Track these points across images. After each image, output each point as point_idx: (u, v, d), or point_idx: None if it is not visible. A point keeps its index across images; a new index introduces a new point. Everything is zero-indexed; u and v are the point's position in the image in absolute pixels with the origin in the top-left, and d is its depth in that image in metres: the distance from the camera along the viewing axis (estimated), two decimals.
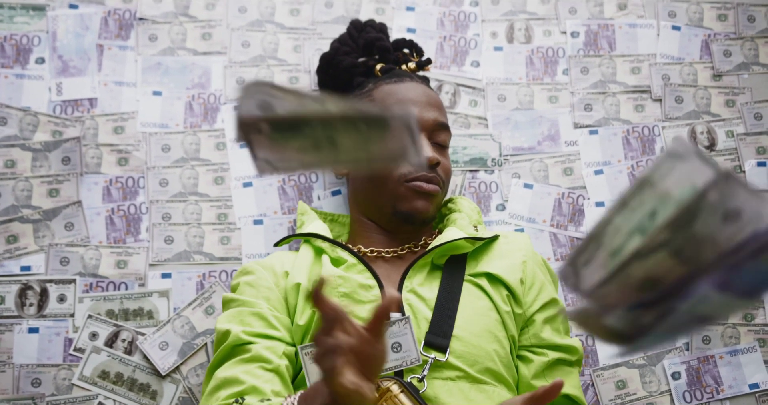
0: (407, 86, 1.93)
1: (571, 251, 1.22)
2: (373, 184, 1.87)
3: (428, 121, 1.89)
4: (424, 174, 1.84)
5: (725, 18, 2.33)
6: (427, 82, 2.02)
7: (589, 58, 2.28)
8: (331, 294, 1.71)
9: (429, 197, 1.85)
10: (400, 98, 1.90)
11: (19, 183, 2.05)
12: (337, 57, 2.06)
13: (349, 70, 2.04)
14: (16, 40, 2.17)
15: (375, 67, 2.03)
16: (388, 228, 1.89)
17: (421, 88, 1.95)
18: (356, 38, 2.09)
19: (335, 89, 2.07)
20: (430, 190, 1.84)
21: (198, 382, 1.96)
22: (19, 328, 1.97)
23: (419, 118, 1.86)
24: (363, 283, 1.73)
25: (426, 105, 1.90)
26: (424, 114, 1.88)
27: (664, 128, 2.22)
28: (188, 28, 2.23)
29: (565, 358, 1.77)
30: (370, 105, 1.63)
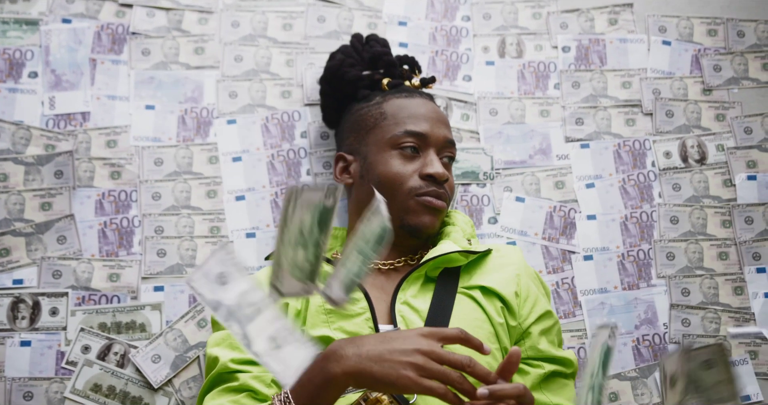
0: (417, 102, 1.96)
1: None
2: (382, 195, 1.85)
3: (439, 138, 1.91)
4: (435, 189, 1.86)
5: (715, 33, 2.34)
6: (432, 99, 2.04)
7: (580, 73, 2.29)
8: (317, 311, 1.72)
9: (436, 213, 1.88)
10: (412, 113, 1.92)
11: (12, 196, 2.06)
12: (343, 68, 2.07)
13: (354, 82, 2.05)
14: (9, 54, 2.17)
15: (381, 80, 2.05)
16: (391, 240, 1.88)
17: (430, 104, 1.98)
18: (360, 51, 2.10)
19: (338, 99, 2.09)
20: (439, 205, 1.87)
21: (190, 394, 1.96)
22: (11, 342, 1.97)
23: (431, 135, 1.90)
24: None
25: (437, 122, 1.93)
26: (435, 131, 1.91)
27: (655, 142, 2.23)
28: (181, 43, 2.24)
29: (561, 371, 1.78)
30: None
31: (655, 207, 2.18)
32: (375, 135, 1.93)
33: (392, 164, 1.88)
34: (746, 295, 2.12)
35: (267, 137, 2.18)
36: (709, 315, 2.09)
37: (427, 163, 1.88)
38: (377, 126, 1.94)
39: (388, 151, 1.90)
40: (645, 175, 2.21)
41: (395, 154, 1.89)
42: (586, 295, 2.11)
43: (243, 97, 2.21)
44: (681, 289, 2.11)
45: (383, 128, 1.92)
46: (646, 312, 2.10)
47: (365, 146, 1.94)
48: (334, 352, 1.45)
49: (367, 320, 1.70)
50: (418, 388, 1.38)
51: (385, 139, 1.91)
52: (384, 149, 1.91)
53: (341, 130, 2.05)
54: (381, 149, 1.91)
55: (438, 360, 1.40)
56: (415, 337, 1.43)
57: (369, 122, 1.95)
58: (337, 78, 2.07)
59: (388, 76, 2.06)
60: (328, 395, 1.45)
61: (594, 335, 1.39)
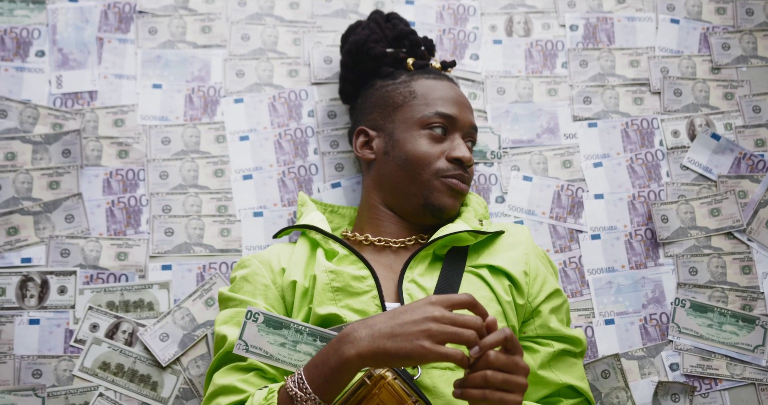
0: (445, 84, 1.97)
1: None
2: (407, 173, 1.89)
3: (466, 123, 1.94)
4: (460, 173, 1.89)
5: (724, 11, 2.33)
6: (456, 83, 2.05)
7: (588, 51, 2.28)
8: (324, 289, 1.72)
9: (459, 195, 1.90)
10: (442, 95, 1.93)
11: (20, 175, 2.06)
12: (368, 44, 2.04)
13: (378, 58, 2.04)
14: (16, 33, 2.17)
15: (406, 59, 2.05)
16: (409, 218, 1.91)
17: (456, 88, 2.00)
18: (384, 28, 2.09)
19: (359, 74, 2.08)
20: (463, 188, 1.89)
21: (198, 373, 1.97)
22: (19, 320, 1.98)
23: (460, 118, 1.92)
24: (355, 275, 1.74)
25: (464, 106, 1.96)
26: (463, 115, 1.94)
27: (663, 121, 2.22)
28: (188, 21, 2.23)
29: (570, 349, 1.79)
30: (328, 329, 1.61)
31: (663, 186, 2.17)
32: (403, 113, 1.93)
33: (420, 143, 1.89)
34: (754, 274, 2.11)
35: (274, 116, 2.18)
36: (716, 294, 2.09)
37: (454, 147, 1.90)
38: (406, 104, 1.93)
39: (417, 130, 1.90)
40: (653, 154, 2.20)
41: (424, 133, 1.90)
42: (594, 274, 2.11)
43: (250, 76, 2.21)
44: (688, 268, 2.11)
45: (413, 107, 1.92)
46: (653, 291, 2.10)
47: (391, 123, 1.94)
48: (348, 334, 1.46)
49: (374, 298, 1.70)
50: (434, 356, 1.39)
51: (415, 118, 1.91)
52: (413, 128, 1.91)
53: (362, 104, 2.03)
54: (410, 128, 1.91)
55: (450, 323, 1.41)
56: (424, 307, 1.44)
57: (397, 100, 1.95)
58: (363, 52, 2.04)
59: (411, 56, 2.06)
60: (342, 378, 1.46)
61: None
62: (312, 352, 1.53)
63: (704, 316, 2.08)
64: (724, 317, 2.08)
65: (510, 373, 1.43)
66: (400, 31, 2.07)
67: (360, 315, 1.68)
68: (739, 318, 2.08)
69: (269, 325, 1.54)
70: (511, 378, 1.43)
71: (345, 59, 2.10)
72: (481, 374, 1.41)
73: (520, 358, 1.46)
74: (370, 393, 1.50)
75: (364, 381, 1.51)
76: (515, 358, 1.45)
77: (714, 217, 2.14)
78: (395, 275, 1.78)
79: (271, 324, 1.54)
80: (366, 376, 1.52)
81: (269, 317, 1.54)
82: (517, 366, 1.44)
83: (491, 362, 1.42)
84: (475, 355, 1.41)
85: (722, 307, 2.08)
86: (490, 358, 1.42)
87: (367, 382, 1.51)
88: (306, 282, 1.76)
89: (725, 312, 2.08)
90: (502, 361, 1.42)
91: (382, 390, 1.50)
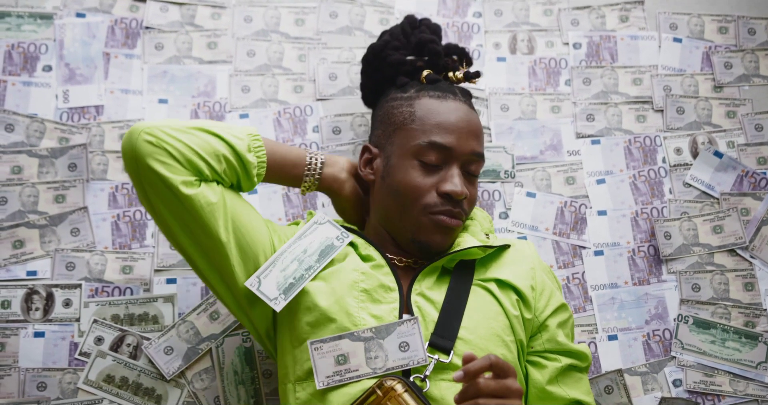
0: (450, 106, 1.85)
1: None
2: (398, 205, 1.81)
3: (465, 151, 1.82)
4: (450, 208, 1.79)
5: (726, 30, 2.35)
6: (470, 98, 1.96)
7: (591, 69, 2.30)
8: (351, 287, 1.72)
9: (449, 231, 1.81)
10: (441, 121, 1.82)
11: (26, 189, 2.07)
12: (386, 50, 1.98)
13: (395, 66, 1.96)
14: (23, 48, 2.19)
15: (422, 71, 1.95)
16: (403, 248, 1.85)
17: (463, 109, 1.87)
18: (408, 35, 2.01)
19: (377, 81, 2.01)
20: (453, 224, 1.80)
21: (203, 386, 1.97)
22: (24, 333, 1.98)
23: (457, 147, 1.81)
24: (385, 284, 1.73)
25: (466, 133, 1.83)
26: (462, 143, 1.82)
27: (666, 138, 2.24)
28: (194, 37, 2.25)
29: (577, 365, 1.79)
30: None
31: (666, 203, 2.18)
32: (401, 136, 1.85)
33: (412, 175, 1.80)
34: (757, 291, 2.12)
35: (279, 131, 2.19)
36: (719, 311, 2.10)
37: (446, 179, 1.80)
38: (404, 126, 1.85)
39: (409, 159, 1.81)
40: (656, 171, 2.21)
41: (416, 164, 1.81)
42: (597, 290, 2.11)
43: (255, 92, 2.22)
44: (691, 284, 2.11)
45: (410, 132, 1.83)
46: (656, 307, 2.10)
47: (390, 145, 1.86)
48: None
49: (394, 309, 1.70)
50: None
51: (409, 145, 1.82)
52: (406, 155, 1.82)
53: (374, 116, 1.99)
54: (404, 154, 1.83)
55: None
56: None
57: (398, 119, 1.86)
58: (379, 59, 1.99)
59: (431, 66, 1.97)
60: (287, 174, 1.84)
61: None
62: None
63: (707, 332, 2.08)
64: (727, 334, 2.08)
65: (503, 398, 1.44)
66: (420, 38, 1.97)
67: (378, 321, 1.68)
68: (741, 335, 2.08)
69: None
70: (504, 402, 1.44)
71: (363, 65, 2.04)
72: (473, 403, 1.43)
73: (512, 381, 1.47)
74: (379, 403, 1.50)
75: (375, 390, 1.52)
76: (506, 382, 1.46)
77: (717, 234, 2.15)
78: (404, 287, 1.77)
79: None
80: (376, 386, 1.52)
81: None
82: (509, 390, 1.45)
83: (481, 390, 1.43)
84: (457, 379, 1.43)
85: (725, 324, 2.09)
86: (480, 385, 1.43)
87: (377, 392, 1.51)
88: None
89: (728, 328, 2.08)
90: (493, 388, 1.44)
91: (392, 401, 1.50)
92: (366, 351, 1.64)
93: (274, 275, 1.73)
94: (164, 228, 1.76)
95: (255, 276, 1.72)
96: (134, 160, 1.68)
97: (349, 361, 1.64)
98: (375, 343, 1.64)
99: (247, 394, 1.98)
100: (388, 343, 1.64)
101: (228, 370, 1.99)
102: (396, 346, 1.64)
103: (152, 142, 1.67)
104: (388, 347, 1.64)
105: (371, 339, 1.64)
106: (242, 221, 1.75)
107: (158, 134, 1.68)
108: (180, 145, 1.68)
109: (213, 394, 1.97)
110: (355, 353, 1.64)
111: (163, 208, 1.71)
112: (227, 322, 2.01)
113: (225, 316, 2.01)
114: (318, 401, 1.64)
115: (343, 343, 1.65)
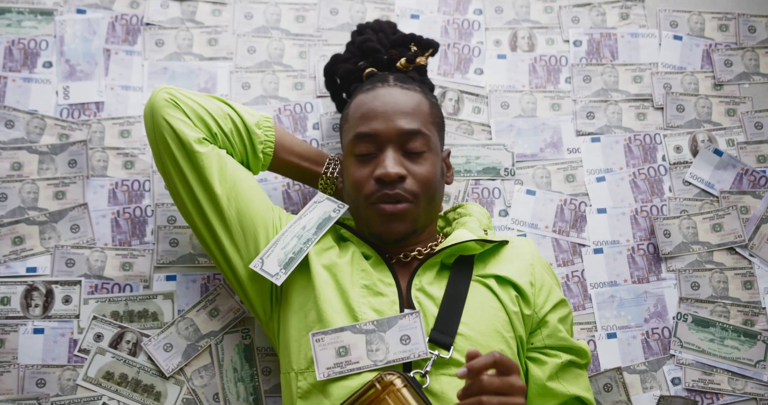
0: (376, 94, 1.84)
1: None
2: (353, 205, 1.85)
3: (391, 133, 1.80)
4: (386, 193, 1.76)
5: (726, 28, 2.35)
6: (414, 80, 1.94)
7: (591, 67, 2.30)
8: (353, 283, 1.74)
9: (397, 218, 1.78)
10: (365, 111, 1.82)
11: (26, 185, 2.07)
12: (336, 64, 2.05)
13: (344, 77, 2.02)
14: (23, 44, 2.19)
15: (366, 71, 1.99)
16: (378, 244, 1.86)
17: (390, 93, 1.85)
18: (354, 42, 2.05)
19: (336, 94, 2.10)
20: (396, 210, 1.77)
21: (202, 383, 1.97)
22: (24, 329, 1.98)
23: (383, 131, 1.80)
24: (382, 280, 1.75)
25: (390, 114, 1.81)
26: (388, 125, 1.80)
27: (666, 136, 2.24)
28: (195, 34, 2.25)
29: (576, 361, 1.80)
30: None
31: (665, 201, 2.19)
32: (342, 139, 1.90)
33: (352, 171, 1.82)
34: (756, 289, 2.12)
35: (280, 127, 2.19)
36: (718, 309, 2.10)
37: (378, 164, 1.79)
38: (343, 128, 1.90)
39: (349, 157, 1.84)
40: (655, 169, 2.21)
41: (354, 160, 1.82)
42: (596, 288, 2.12)
43: (256, 89, 2.22)
44: (691, 282, 2.12)
45: (345, 132, 1.87)
46: (655, 305, 2.11)
47: (342, 150, 1.91)
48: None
49: (394, 303, 1.71)
50: None
51: (345, 144, 1.86)
52: (347, 155, 1.85)
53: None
54: (346, 155, 1.86)
55: None
56: None
57: (341, 124, 1.92)
58: (330, 75, 2.06)
59: (375, 64, 1.99)
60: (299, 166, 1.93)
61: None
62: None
63: (706, 330, 2.08)
64: (725, 332, 2.08)
65: (506, 395, 1.45)
66: (358, 42, 2.02)
67: (379, 315, 1.69)
68: (740, 333, 2.08)
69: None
70: (508, 400, 1.44)
71: (325, 82, 2.11)
72: (476, 400, 1.43)
73: (516, 378, 1.47)
74: (378, 397, 1.51)
75: (374, 384, 1.52)
76: (510, 379, 1.46)
77: (716, 232, 2.15)
78: (403, 283, 1.78)
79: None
80: (376, 380, 1.53)
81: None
82: (512, 387, 1.46)
83: (485, 387, 1.43)
84: (461, 376, 1.43)
85: (724, 322, 2.09)
86: (483, 382, 1.43)
87: (376, 386, 1.52)
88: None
89: (727, 327, 2.09)
90: (497, 385, 1.44)
91: (390, 395, 1.51)
92: (367, 343, 1.65)
93: (276, 253, 1.78)
94: (174, 193, 1.87)
95: (258, 257, 1.78)
96: (150, 116, 1.83)
97: (350, 353, 1.64)
98: (376, 336, 1.65)
99: (247, 391, 1.98)
100: (390, 336, 1.65)
101: (227, 367, 1.99)
102: (397, 339, 1.64)
103: (168, 99, 1.82)
104: (390, 340, 1.65)
105: (373, 331, 1.65)
106: (243, 187, 1.83)
107: (175, 93, 1.83)
108: (194, 104, 1.83)
109: (212, 391, 1.98)
110: (357, 345, 1.65)
111: (172, 167, 1.83)
112: (227, 320, 2.01)
113: (224, 314, 2.01)
114: (319, 392, 1.66)
115: (344, 335, 1.65)
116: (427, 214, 1.84)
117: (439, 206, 1.90)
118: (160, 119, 1.81)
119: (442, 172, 1.88)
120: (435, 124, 1.87)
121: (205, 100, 1.86)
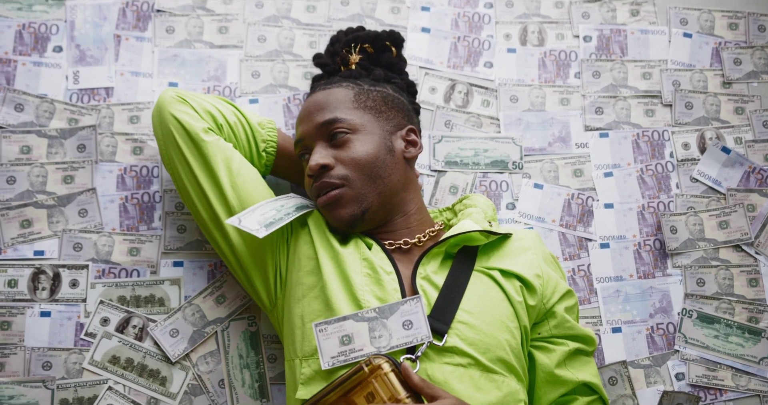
0: (310, 100, 1.91)
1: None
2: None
3: (312, 131, 1.86)
4: (318, 184, 1.82)
5: (736, 27, 2.35)
6: (348, 77, 1.99)
7: (601, 62, 2.30)
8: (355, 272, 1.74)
9: (338, 205, 1.81)
10: (298, 119, 1.93)
11: (35, 169, 2.07)
12: (314, 78, 2.13)
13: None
14: (34, 28, 2.18)
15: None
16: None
17: (313, 98, 1.91)
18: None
19: None
20: (329, 198, 1.80)
21: (207, 369, 1.98)
22: (31, 312, 1.98)
23: (306, 132, 1.87)
24: (383, 267, 1.75)
25: (311, 114, 1.88)
26: (309, 125, 1.87)
27: (674, 133, 2.24)
28: (205, 22, 2.25)
29: (584, 348, 1.82)
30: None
31: (672, 197, 2.19)
32: None
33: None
34: (761, 286, 2.13)
35: (288, 117, 2.19)
36: (723, 306, 2.10)
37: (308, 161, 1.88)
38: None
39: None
40: (663, 165, 2.22)
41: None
42: (602, 282, 2.12)
43: (265, 77, 2.22)
44: (696, 279, 2.12)
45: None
46: (661, 301, 2.11)
47: None
48: None
49: (396, 292, 1.71)
50: None
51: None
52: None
53: None
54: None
55: None
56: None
57: None
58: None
59: (332, 69, 2.09)
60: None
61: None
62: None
63: (711, 327, 2.09)
64: (730, 329, 2.09)
65: None
66: (326, 52, 2.14)
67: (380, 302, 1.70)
68: (745, 330, 2.09)
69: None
70: None
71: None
72: None
73: None
74: (365, 380, 1.51)
75: (362, 367, 1.52)
76: None
77: (722, 229, 2.16)
78: (408, 271, 1.78)
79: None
80: (364, 363, 1.53)
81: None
82: None
83: None
84: None
85: (729, 319, 2.09)
86: None
87: (364, 369, 1.52)
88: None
89: (732, 324, 2.09)
90: None
91: (377, 379, 1.51)
92: (370, 331, 1.65)
93: (255, 217, 1.78)
94: (180, 185, 1.91)
95: (236, 217, 1.78)
96: (158, 114, 1.90)
97: (354, 341, 1.65)
98: (379, 323, 1.65)
99: (252, 377, 1.99)
100: (392, 322, 1.65)
101: (233, 353, 1.99)
102: (400, 325, 1.65)
103: (175, 97, 1.89)
104: (392, 326, 1.65)
105: (375, 319, 1.66)
106: (247, 178, 1.87)
107: (182, 92, 1.91)
108: (200, 100, 1.91)
109: (218, 378, 1.98)
110: (360, 333, 1.65)
111: (178, 159, 1.87)
112: (233, 306, 2.01)
113: (231, 300, 2.01)
114: (321, 378, 1.66)
115: (347, 323, 1.66)
116: (377, 192, 1.82)
117: (395, 182, 1.85)
118: (167, 115, 1.87)
119: (388, 149, 1.86)
120: (364, 107, 1.88)
121: (211, 98, 1.95)
